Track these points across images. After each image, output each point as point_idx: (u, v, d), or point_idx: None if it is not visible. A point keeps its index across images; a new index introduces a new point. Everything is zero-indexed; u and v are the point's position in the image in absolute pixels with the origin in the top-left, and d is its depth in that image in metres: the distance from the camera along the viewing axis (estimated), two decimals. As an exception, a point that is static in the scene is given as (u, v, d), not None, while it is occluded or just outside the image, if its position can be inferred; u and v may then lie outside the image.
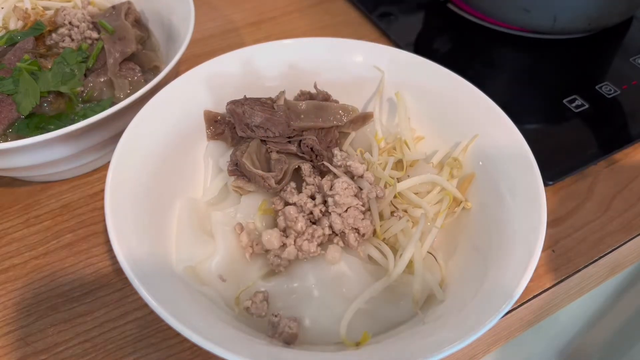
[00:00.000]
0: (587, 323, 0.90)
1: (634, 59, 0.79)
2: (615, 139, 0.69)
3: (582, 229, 0.61)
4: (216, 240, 0.52)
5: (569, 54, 0.81)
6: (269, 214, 0.54)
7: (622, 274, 0.65)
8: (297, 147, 0.55)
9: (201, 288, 0.49)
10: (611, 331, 1.00)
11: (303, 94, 0.61)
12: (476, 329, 0.40)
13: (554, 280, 0.57)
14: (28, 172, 0.61)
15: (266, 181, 0.52)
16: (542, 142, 0.65)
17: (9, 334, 0.53)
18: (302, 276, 0.50)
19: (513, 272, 0.44)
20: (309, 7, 0.93)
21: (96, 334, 0.53)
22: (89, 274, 0.57)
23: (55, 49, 0.69)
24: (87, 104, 0.64)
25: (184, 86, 0.58)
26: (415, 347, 0.42)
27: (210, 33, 0.88)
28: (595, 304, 0.85)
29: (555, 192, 0.65)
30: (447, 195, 0.55)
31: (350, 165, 0.53)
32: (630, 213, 0.63)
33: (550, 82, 0.78)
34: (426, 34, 0.86)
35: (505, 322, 0.57)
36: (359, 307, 0.47)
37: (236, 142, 0.58)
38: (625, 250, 0.61)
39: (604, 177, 0.67)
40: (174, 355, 0.51)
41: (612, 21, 0.82)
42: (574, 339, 0.94)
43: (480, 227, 0.52)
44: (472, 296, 0.45)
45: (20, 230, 0.61)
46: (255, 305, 0.48)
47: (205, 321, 0.43)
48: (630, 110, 0.73)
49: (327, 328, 0.47)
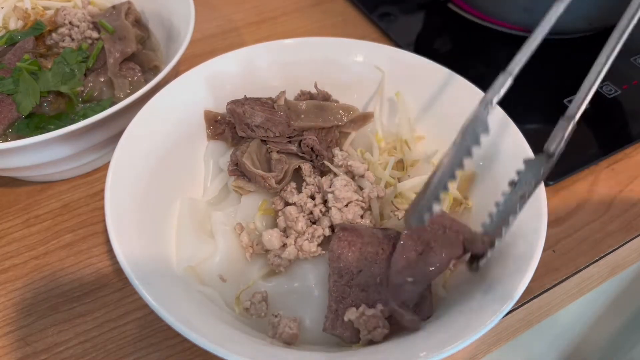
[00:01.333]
0: (587, 323, 0.90)
1: (634, 58, 0.79)
2: (616, 139, 0.69)
3: (582, 229, 0.61)
4: (216, 240, 0.52)
5: (570, 54, 0.81)
6: (269, 214, 0.54)
7: (623, 274, 0.65)
8: (297, 147, 0.55)
9: (201, 288, 0.49)
10: (612, 331, 1.00)
11: (303, 94, 0.61)
12: (477, 330, 0.40)
13: (555, 281, 0.57)
14: (28, 172, 0.61)
15: (266, 181, 0.52)
16: (542, 142, 0.65)
17: (9, 334, 0.53)
18: (302, 276, 0.50)
19: (514, 273, 0.44)
20: (309, 7, 0.93)
21: (96, 334, 0.53)
22: (89, 274, 0.57)
23: (56, 49, 0.69)
24: (87, 103, 0.64)
25: (184, 86, 0.58)
26: (415, 347, 0.42)
27: (211, 33, 0.88)
28: (595, 304, 0.85)
29: (556, 192, 0.65)
30: (448, 195, 0.54)
31: (351, 165, 0.53)
32: (630, 213, 0.63)
33: (551, 81, 0.77)
34: (426, 33, 0.86)
35: (506, 322, 0.57)
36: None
37: (236, 142, 0.58)
38: (626, 250, 0.61)
39: (605, 177, 0.67)
40: (174, 355, 0.51)
41: (613, 21, 0.82)
42: (574, 339, 0.94)
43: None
44: (473, 296, 0.45)
45: (20, 230, 0.61)
46: (254, 306, 0.48)
47: (205, 321, 0.43)
48: (631, 110, 0.73)
49: (328, 328, 0.47)
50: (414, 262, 0.45)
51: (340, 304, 0.46)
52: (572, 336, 0.93)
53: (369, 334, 0.44)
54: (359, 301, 0.46)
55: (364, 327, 0.44)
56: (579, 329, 0.91)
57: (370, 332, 0.43)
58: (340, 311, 0.45)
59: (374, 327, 0.43)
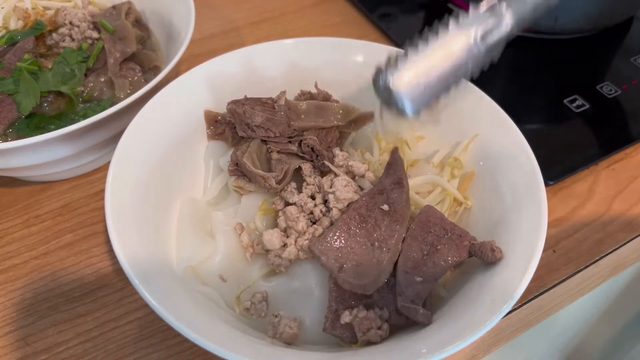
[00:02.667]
0: (587, 323, 0.90)
1: (634, 58, 0.79)
2: (616, 139, 0.69)
3: (582, 229, 0.61)
4: (217, 240, 0.52)
5: (570, 54, 0.81)
6: (270, 214, 0.54)
7: (623, 274, 0.65)
8: (297, 147, 0.55)
9: (202, 288, 0.49)
10: (612, 331, 1.00)
11: (304, 94, 0.61)
12: (477, 330, 0.40)
13: (555, 281, 0.57)
14: (28, 172, 0.61)
15: (267, 181, 0.52)
16: (542, 142, 0.65)
17: (9, 334, 0.53)
18: (302, 276, 0.50)
19: (514, 273, 0.44)
20: (309, 7, 0.93)
21: (96, 334, 0.53)
22: (89, 274, 0.57)
23: (56, 49, 0.69)
24: (87, 103, 0.64)
25: (184, 86, 0.58)
26: (416, 347, 0.42)
27: (211, 33, 0.88)
28: (595, 304, 0.85)
29: (556, 192, 0.65)
30: (448, 195, 0.55)
31: (352, 165, 0.53)
32: (631, 213, 0.63)
33: (551, 82, 0.77)
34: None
35: (506, 322, 0.57)
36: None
37: (236, 142, 0.58)
38: (626, 250, 0.61)
39: (605, 177, 0.67)
40: (175, 355, 0.51)
41: (613, 21, 0.82)
42: (574, 339, 0.94)
43: (481, 227, 0.52)
44: (473, 296, 0.45)
45: (20, 230, 0.61)
46: (254, 306, 0.48)
47: (205, 321, 0.43)
48: (631, 110, 0.73)
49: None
50: (421, 263, 0.46)
51: (341, 304, 0.46)
52: (572, 336, 0.93)
53: (364, 335, 0.44)
54: (359, 301, 0.46)
55: (357, 328, 0.44)
56: (579, 329, 0.91)
57: (365, 334, 0.44)
58: (341, 311, 0.45)
59: (368, 329, 0.44)
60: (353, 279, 0.45)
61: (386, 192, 0.49)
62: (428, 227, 0.48)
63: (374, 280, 0.45)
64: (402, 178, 0.50)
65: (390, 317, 0.46)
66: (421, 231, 0.48)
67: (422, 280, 0.45)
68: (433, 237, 0.47)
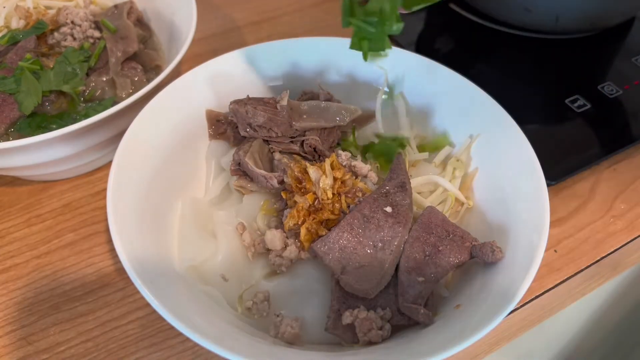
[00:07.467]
0: (589, 323, 0.90)
1: (635, 58, 0.79)
2: (618, 139, 0.69)
3: (584, 229, 0.61)
4: (218, 239, 0.52)
5: (571, 54, 0.81)
6: (271, 214, 0.54)
7: (624, 274, 0.65)
8: (299, 147, 0.55)
9: (203, 287, 0.49)
10: (613, 331, 1.00)
11: (306, 94, 0.61)
12: (479, 330, 0.40)
13: (557, 281, 0.57)
14: (30, 171, 0.61)
15: (269, 181, 0.52)
16: (544, 142, 0.65)
17: (11, 333, 0.53)
18: (304, 276, 0.50)
19: (516, 273, 0.44)
20: (311, 6, 0.93)
21: (98, 334, 0.53)
22: (90, 273, 0.57)
23: (57, 48, 0.69)
24: (89, 103, 0.64)
25: (185, 86, 0.58)
26: (417, 347, 0.42)
27: (212, 32, 0.88)
28: (597, 304, 0.85)
29: (558, 192, 0.65)
30: (450, 195, 0.55)
31: (355, 165, 0.53)
32: (632, 213, 0.63)
33: (552, 82, 0.77)
34: (428, 33, 0.86)
35: (508, 322, 0.57)
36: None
37: (238, 142, 0.58)
38: (628, 250, 0.61)
39: (606, 177, 0.67)
40: (176, 355, 0.51)
41: (614, 21, 0.82)
42: (575, 339, 0.94)
43: (483, 227, 0.52)
44: (475, 296, 0.45)
45: (21, 230, 0.61)
46: (256, 306, 0.48)
47: (207, 321, 0.43)
48: (633, 110, 0.73)
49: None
50: (423, 264, 0.46)
51: (343, 304, 0.46)
52: (574, 336, 0.93)
53: (364, 335, 0.44)
54: (361, 301, 0.46)
55: (358, 329, 0.44)
56: (580, 329, 0.91)
57: (365, 334, 0.44)
58: (343, 311, 0.46)
59: (368, 329, 0.44)
60: (355, 282, 0.45)
61: (390, 194, 0.49)
62: (430, 229, 0.48)
63: (376, 284, 0.45)
64: (406, 182, 0.50)
65: (393, 317, 0.46)
66: (423, 232, 0.48)
67: (423, 280, 0.45)
68: (435, 238, 0.47)
